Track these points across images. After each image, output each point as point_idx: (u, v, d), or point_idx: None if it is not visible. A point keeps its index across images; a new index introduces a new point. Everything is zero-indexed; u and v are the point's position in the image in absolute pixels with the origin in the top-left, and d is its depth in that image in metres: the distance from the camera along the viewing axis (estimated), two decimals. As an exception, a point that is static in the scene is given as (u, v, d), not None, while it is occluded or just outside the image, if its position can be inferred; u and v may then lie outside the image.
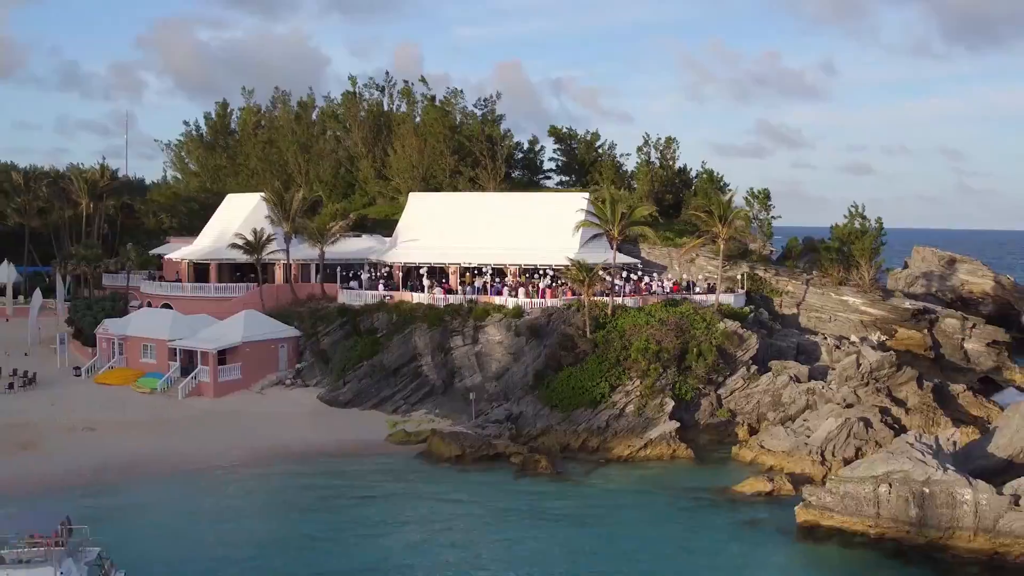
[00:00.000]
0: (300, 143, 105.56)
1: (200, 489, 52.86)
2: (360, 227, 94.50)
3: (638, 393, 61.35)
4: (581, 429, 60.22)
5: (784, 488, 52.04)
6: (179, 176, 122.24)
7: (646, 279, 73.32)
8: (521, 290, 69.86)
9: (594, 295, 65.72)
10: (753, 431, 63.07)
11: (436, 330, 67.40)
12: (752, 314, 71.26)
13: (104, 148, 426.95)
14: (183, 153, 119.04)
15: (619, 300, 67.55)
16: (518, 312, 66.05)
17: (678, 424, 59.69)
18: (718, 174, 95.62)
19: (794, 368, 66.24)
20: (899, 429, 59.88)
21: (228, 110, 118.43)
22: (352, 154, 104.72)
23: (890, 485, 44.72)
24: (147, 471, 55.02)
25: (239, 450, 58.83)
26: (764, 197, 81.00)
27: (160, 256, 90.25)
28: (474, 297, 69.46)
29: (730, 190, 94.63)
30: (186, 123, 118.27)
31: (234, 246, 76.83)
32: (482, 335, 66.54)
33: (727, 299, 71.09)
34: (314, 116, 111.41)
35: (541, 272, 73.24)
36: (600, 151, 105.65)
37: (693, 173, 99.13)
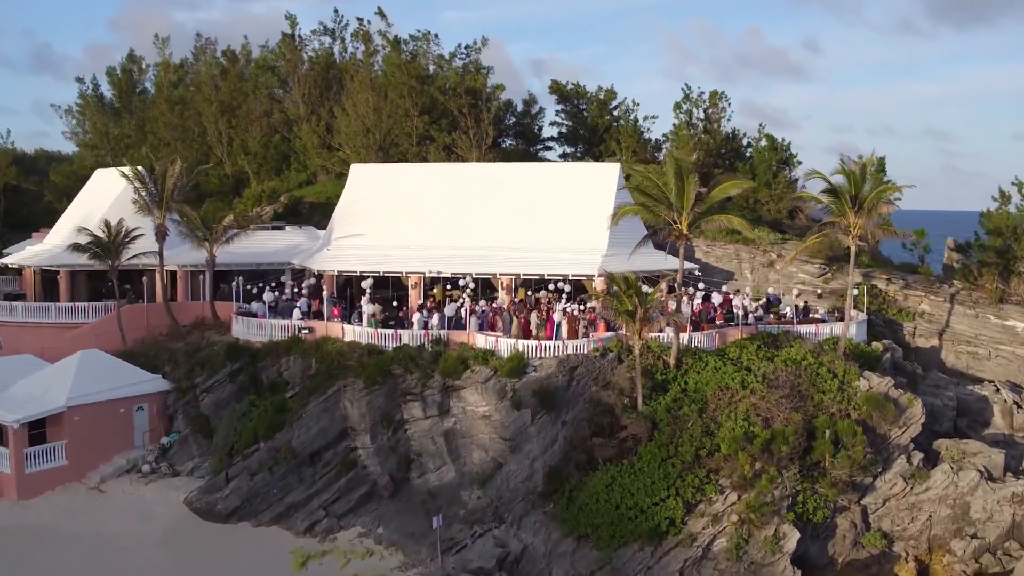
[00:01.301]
0: (223, 103, 75.87)
1: None
2: (293, 213, 65.44)
3: (735, 517, 32.58)
4: (634, 587, 31.54)
5: None
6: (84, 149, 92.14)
7: (716, 296, 44.32)
8: (514, 319, 40.77)
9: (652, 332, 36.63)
10: (923, 570, 34.68)
11: (379, 391, 38.21)
12: (887, 354, 42.58)
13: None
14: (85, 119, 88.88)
15: (685, 337, 38.61)
16: (516, 363, 36.65)
17: (816, 586, 31.05)
18: (783, 140, 66.64)
19: (980, 453, 37.63)
20: None
21: (144, 65, 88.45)
22: (290, 117, 75.16)
23: None
24: None
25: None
26: (879, 168, 51.65)
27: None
28: (443, 333, 40.09)
29: (797, 161, 66.80)
30: (80, 80, 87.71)
31: (76, 247, 47.64)
32: (456, 402, 37.37)
33: (842, 329, 42.23)
34: (247, 73, 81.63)
35: (553, 287, 44.38)
36: (616, 113, 76.45)
37: (745, 140, 70.22)
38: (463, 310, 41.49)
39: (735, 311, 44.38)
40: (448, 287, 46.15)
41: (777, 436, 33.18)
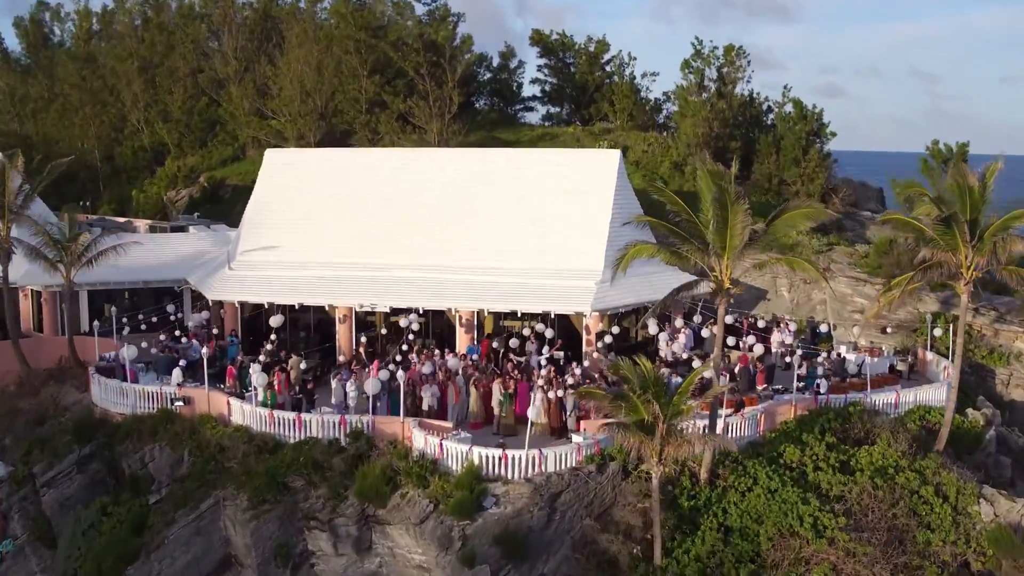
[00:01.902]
0: (143, 59, 61.76)
1: None
2: (213, 199, 52.08)
3: None
4: None
5: None
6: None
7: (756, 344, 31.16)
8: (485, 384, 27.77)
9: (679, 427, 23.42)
10: None
11: (270, 513, 25.26)
12: (990, 430, 29.85)
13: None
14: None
15: (718, 425, 25.63)
16: (468, 493, 22.92)
17: None
18: (813, 108, 52.93)
19: None
20: None
21: (62, 14, 73.89)
22: (220, 76, 61.02)
23: None
24: None
25: None
26: (960, 155, 38.37)
27: None
28: (367, 422, 26.74)
29: (831, 133, 53.47)
30: (-20, 31, 73.50)
31: None
32: (381, 539, 24.45)
33: (935, 395, 29.49)
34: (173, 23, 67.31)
35: (530, 330, 31.31)
36: (610, 69, 62.61)
37: (765, 106, 56.45)
38: (396, 375, 27.86)
39: (773, 351, 31.86)
40: (388, 320, 33.09)
41: (874, 622, 20.60)
